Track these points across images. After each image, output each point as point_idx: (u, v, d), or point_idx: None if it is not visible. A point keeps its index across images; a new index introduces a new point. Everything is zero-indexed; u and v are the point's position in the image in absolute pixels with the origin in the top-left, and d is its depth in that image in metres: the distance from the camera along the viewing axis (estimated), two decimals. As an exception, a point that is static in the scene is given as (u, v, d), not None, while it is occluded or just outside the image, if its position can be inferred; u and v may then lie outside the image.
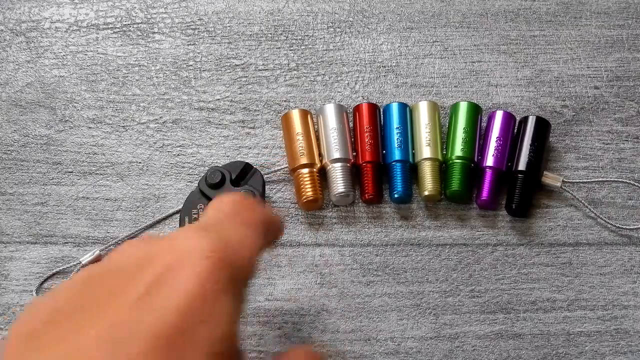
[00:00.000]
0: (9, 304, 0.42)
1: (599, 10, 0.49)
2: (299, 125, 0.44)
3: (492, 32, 0.48)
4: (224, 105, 0.46)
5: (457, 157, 0.43)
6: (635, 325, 0.41)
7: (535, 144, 0.43)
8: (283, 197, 0.44)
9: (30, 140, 0.45)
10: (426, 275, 0.42)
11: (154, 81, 0.47)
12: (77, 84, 0.47)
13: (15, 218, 0.43)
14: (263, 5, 0.49)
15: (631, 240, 0.43)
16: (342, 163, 0.43)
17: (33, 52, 0.48)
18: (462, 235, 0.43)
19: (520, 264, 0.42)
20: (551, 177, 0.43)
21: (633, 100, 0.46)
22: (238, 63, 0.47)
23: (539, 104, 0.46)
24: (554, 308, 0.41)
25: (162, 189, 0.44)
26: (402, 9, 0.49)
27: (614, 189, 0.44)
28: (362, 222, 0.43)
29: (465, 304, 0.41)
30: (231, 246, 0.25)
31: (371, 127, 0.44)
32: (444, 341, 0.41)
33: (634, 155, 0.45)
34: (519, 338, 0.41)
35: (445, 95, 0.46)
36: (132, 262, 0.24)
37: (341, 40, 0.48)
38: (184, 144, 0.45)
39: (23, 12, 0.49)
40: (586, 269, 0.42)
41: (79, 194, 0.44)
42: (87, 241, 0.43)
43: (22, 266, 0.42)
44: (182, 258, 0.23)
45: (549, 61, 0.47)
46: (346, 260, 0.42)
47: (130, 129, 0.46)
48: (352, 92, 0.46)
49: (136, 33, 0.48)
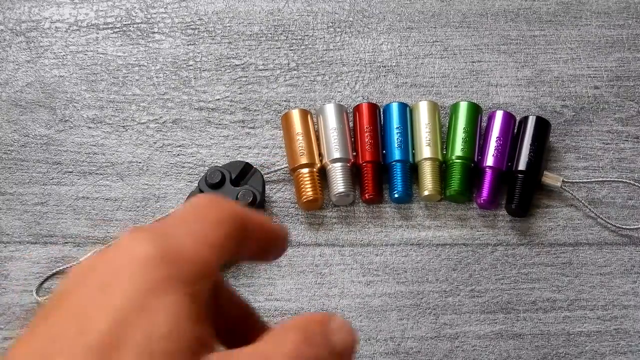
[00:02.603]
0: (9, 304, 0.42)
1: (599, 10, 0.49)
2: (299, 125, 0.44)
3: (492, 32, 0.48)
4: (224, 105, 0.46)
5: (457, 157, 0.43)
6: (635, 325, 0.41)
7: (535, 143, 0.43)
8: (283, 197, 0.44)
9: (30, 140, 0.45)
10: (426, 275, 0.42)
11: (154, 81, 0.47)
12: (77, 84, 0.47)
13: (15, 218, 0.43)
14: (263, 5, 0.49)
15: (631, 240, 0.43)
16: (342, 163, 0.43)
17: (33, 52, 0.48)
18: (462, 235, 0.43)
19: (520, 264, 0.42)
20: (551, 177, 0.43)
21: (633, 100, 0.46)
22: (238, 63, 0.47)
23: (539, 104, 0.46)
24: (554, 308, 0.41)
25: (162, 189, 0.44)
26: (402, 9, 0.49)
27: (614, 189, 0.44)
28: (362, 222, 0.43)
29: (465, 304, 0.41)
30: (172, 241, 0.24)
31: (371, 127, 0.44)
32: (444, 341, 0.41)
33: (634, 155, 0.45)
34: (519, 338, 0.41)
35: (445, 95, 0.46)
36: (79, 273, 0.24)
37: (341, 40, 0.48)
38: (184, 144, 0.45)
39: (23, 12, 0.49)
40: (586, 269, 0.42)
41: (79, 194, 0.44)
42: (87, 241, 0.43)
43: (22, 266, 0.42)
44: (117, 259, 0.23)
45: (549, 61, 0.47)
46: (346, 260, 0.42)
47: (130, 129, 0.46)
48: (352, 92, 0.46)
49: (136, 33, 0.48)
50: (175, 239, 0.24)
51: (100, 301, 0.22)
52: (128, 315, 0.21)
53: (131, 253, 0.23)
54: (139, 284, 0.22)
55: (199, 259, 0.24)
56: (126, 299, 0.22)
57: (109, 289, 0.22)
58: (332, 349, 0.23)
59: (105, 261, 0.23)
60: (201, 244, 0.24)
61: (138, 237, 0.23)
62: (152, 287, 0.22)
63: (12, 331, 0.41)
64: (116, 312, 0.21)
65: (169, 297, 0.22)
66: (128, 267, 0.23)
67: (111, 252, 0.24)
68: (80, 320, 0.21)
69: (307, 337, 0.22)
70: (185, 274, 0.23)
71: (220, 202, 0.26)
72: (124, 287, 0.22)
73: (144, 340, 0.21)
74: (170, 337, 0.21)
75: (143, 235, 0.23)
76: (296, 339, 0.22)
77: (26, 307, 0.41)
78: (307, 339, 0.22)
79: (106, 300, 0.22)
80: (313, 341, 0.23)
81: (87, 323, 0.21)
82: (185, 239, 0.24)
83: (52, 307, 0.23)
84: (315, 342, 0.23)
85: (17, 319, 0.41)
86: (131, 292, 0.22)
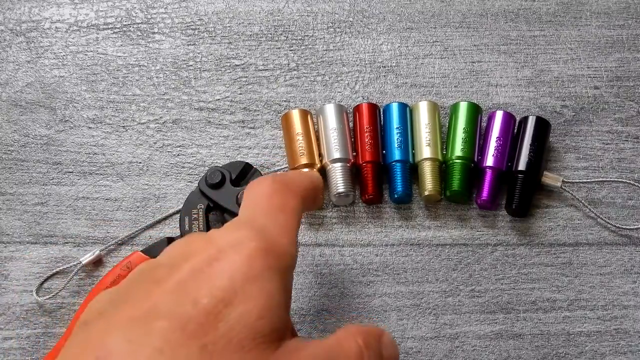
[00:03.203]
0: (9, 304, 0.42)
1: (599, 10, 0.49)
2: (299, 125, 0.44)
3: (492, 32, 0.48)
4: (224, 105, 0.46)
5: (457, 157, 0.43)
6: (635, 325, 0.41)
7: (535, 144, 0.43)
8: (283, 197, 0.44)
9: (30, 140, 0.45)
10: (426, 275, 0.42)
11: (154, 81, 0.47)
12: (77, 84, 0.47)
13: (15, 218, 0.43)
14: (263, 5, 0.49)
15: (631, 240, 0.43)
16: (342, 163, 0.43)
17: (33, 52, 0.48)
18: (462, 235, 0.43)
19: (520, 264, 0.42)
20: (551, 177, 0.43)
21: (633, 100, 0.46)
22: (238, 63, 0.47)
23: (539, 104, 0.46)
24: (554, 308, 0.41)
25: (162, 189, 0.44)
26: (402, 9, 0.49)
27: (614, 189, 0.44)
28: (362, 222, 0.43)
29: (465, 304, 0.41)
30: (268, 235, 0.27)
31: (371, 127, 0.44)
32: (444, 341, 0.41)
33: (634, 155, 0.45)
34: (519, 338, 0.41)
35: (445, 95, 0.46)
36: (178, 255, 0.27)
37: (341, 40, 0.48)
38: (184, 144, 0.45)
39: (23, 12, 0.49)
40: (586, 269, 0.42)
41: (79, 194, 0.44)
42: (87, 241, 0.43)
43: (22, 266, 0.42)
44: (223, 249, 0.26)
45: (549, 61, 0.47)
46: (346, 260, 0.42)
47: (130, 129, 0.46)
48: (352, 92, 0.46)
49: (136, 33, 0.48)
50: (272, 233, 0.28)
51: (206, 281, 0.25)
52: (231, 295, 0.25)
53: (239, 243, 0.27)
54: (243, 271, 0.26)
55: (291, 253, 0.28)
56: (230, 281, 0.25)
57: (217, 271, 0.26)
58: (382, 357, 0.28)
59: (215, 246, 0.27)
60: (291, 238, 0.29)
61: (244, 229, 0.27)
62: (255, 274, 0.26)
63: (12, 331, 0.41)
64: (219, 291, 0.25)
65: (268, 285, 0.26)
66: (236, 255, 0.26)
67: (220, 239, 0.27)
68: (187, 293, 0.25)
69: (367, 343, 0.27)
70: (281, 265, 0.27)
71: (283, 186, 0.31)
72: (230, 271, 0.25)
73: (243, 318, 0.24)
74: (266, 318, 0.25)
75: (248, 228, 0.27)
76: (360, 342, 0.27)
77: (26, 307, 0.41)
78: (367, 345, 0.27)
79: (211, 281, 0.25)
80: (371, 347, 0.27)
81: (193, 296, 0.25)
82: (277, 233, 0.28)
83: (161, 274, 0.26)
84: (373, 348, 0.27)
85: (17, 319, 0.41)
86: (236, 277, 0.25)
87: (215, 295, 0.25)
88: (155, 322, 0.24)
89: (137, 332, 0.23)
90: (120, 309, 0.25)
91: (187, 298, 0.24)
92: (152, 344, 0.23)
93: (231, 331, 0.24)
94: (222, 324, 0.24)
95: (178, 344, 0.23)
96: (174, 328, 0.23)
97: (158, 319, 0.24)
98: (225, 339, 0.24)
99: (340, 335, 0.28)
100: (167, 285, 0.25)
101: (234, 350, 0.24)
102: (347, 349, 0.27)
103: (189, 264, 0.26)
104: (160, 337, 0.23)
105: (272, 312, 0.25)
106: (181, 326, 0.24)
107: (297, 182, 0.32)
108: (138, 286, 0.26)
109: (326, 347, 0.27)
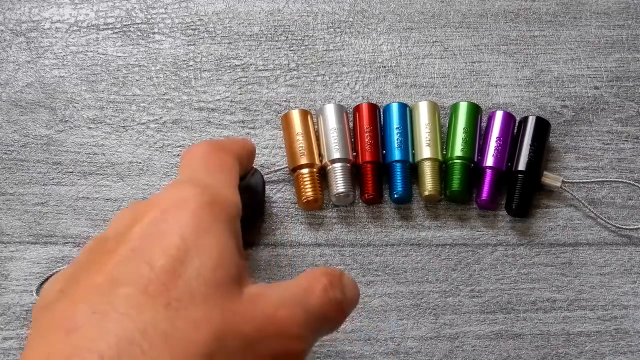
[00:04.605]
0: (9, 304, 0.42)
1: (599, 10, 0.49)
2: (299, 125, 0.44)
3: (492, 32, 0.48)
4: (224, 105, 0.46)
5: (457, 157, 0.43)
6: (635, 325, 0.41)
7: (535, 144, 0.43)
8: (283, 197, 0.44)
9: (30, 140, 0.45)
10: (426, 275, 0.42)
11: (154, 81, 0.47)
12: (77, 84, 0.47)
13: (15, 218, 0.44)
14: (263, 6, 0.49)
15: (631, 240, 0.43)
16: (342, 163, 0.43)
17: (33, 52, 0.48)
18: (462, 235, 0.43)
19: (520, 264, 0.42)
20: (551, 177, 0.43)
21: (633, 101, 0.46)
22: (238, 63, 0.47)
23: (539, 104, 0.46)
24: (554, 308, 0.41)
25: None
26: (402, 9, 0.49)
27: (614, 189, 0.44)
28: (362, 222, 0.43)
29: (465, 304, 0.41)
30: (211, 189, 0.29)
31: (371, 127, 0.44)
32: (444, 341, 0.41)
33: (634, 155, 0.45)
34: (519, 338, 0.41)
35: (445, 95, 0.46)
36: (124, 224, 0.27)
37: (341, 41, 0.48)
38: (184, 144, 0.45)
39: (23, 12, 0.49)
40: (586, 269, 0.42)
41: (79, 194, 0.44)
42: (87, 241, 0.43)
43: (22, 266, 0.42)
44: (167, 209, 0.27)
45: (549, 61, 0.47)
46: (346, 260, 0.42)
47: (131, 129, 0.46)
48: (352, 92, 0.46)
49: (136, 33, 0.48)
50: (214, 188, 0.29)
51: (157, 242, 0.26)
52: (184, 252, 0.26)
53: (184, 200, 0.27)
54: (192, 226, 0.26)
55: (233, 202, 0.30)
56: (181, 238, 0.26)
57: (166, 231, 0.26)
58: (345, 297, 0.29)
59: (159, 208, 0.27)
60: (232, 190, 0.30)
61: (186, 187, 0.28)
62: (204, 227, 0.27)
63: (12, 331, 0.41)
64: (172, 249, 0.26)
65: (219, 235, 0.27)
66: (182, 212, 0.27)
67: (162, 200, 0.28)
68: (141, 257, 0.25)
69: (331, 281, 0.29)
70: (228, 214, 0.28)
71: (218, 148, 0.33)
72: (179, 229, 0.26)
73: (199, 271, 0.25)
74: (223, 267, 0.26)
75: (190, 185, 0.28)
76: (325, 282, 0.28)
77: (26, 307, 0.41)
78: (331, 283, 0.29)
79: (162, 241, 0.26)
80: (335, 286, 0.29)
81: (147, 259, 0.25)
82: (219, 186, 0.30)
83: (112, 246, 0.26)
84: (336, 286, 0.29)
85: (17, 319, 0.41)
86: (186, 233, 0.26)
87: (170, 254, 0.25)
88: (116, 290, 0.24)
89: (101, 302, 0.24)
90: (81, 284, 0.25)
91: (143, 262, 0.25)
92: (117, 310, 0.24)
93: (191, 285, 0.25)
94: (180, 280, 0.25)
95: (143, 306, 0.24)
96: (136, 292, 0.24)
97: (118, 286, 0.24)
98: (187, 294, 0.24)
99: (305, 277, 0.29)
100: (121, 254, 0.26)
101: (198, 303, 0.24)
102: (314, 289, 0.28)
103: (136, 230, 0.26)
104: (125, 302, 0.24)
105: (226, 260, 0.26)
106: (142, 289, 0.24)
107: (231, 143, 0.35)
108: (92, 260, 0.27)
109: (293, 288, 0.28)
